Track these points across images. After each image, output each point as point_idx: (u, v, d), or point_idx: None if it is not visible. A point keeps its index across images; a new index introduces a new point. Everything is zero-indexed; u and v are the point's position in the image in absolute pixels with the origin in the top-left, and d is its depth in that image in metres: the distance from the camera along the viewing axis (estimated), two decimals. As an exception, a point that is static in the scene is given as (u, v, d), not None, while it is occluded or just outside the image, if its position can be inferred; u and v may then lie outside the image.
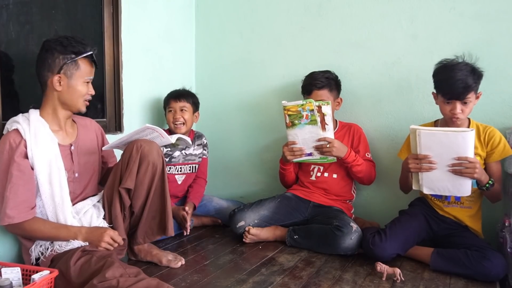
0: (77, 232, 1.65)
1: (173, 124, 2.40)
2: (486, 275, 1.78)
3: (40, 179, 1.63)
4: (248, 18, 2.75)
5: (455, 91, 1.86)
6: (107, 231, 1.67)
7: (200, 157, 2.53)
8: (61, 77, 1.67)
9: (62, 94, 1.70)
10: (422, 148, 1.82)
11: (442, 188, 1.87)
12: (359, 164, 2.23)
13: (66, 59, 1.67)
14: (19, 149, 1.59)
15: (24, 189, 1.59)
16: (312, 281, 1.80)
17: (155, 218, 1.86)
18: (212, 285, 1.75)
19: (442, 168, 1.81)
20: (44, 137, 1.66)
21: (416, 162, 1.85)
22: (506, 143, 1.94)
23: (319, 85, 2.27)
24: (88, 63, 1.74)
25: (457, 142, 1.75)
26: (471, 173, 1.77)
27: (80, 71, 1.71)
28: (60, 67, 1.66)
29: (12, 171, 1.57)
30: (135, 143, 1.76)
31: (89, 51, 1.71)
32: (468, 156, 1.76)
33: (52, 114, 1.73)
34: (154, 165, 1.77)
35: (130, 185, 1.75)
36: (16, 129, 1.63)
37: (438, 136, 1.77)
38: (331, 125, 2.12)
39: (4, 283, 1.41)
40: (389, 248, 1.93)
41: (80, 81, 1.71)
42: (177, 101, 2.42)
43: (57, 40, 1.68)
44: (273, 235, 2.25)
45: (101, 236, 1.65)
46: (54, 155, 1.67)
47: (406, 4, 2.30)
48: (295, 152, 2.21)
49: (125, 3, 2.32)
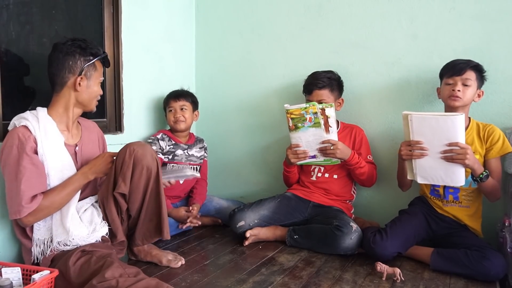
0: (82, 173, 1.72)
1: (174, 122, 2.42)
2: (486, 275, 1.78)
3: (51, 175, 1.65)
4: (248, 18, 2.75)
5: (456, 66, 1.95)
6: (106, 155, 1.76)
7: (201, 159, 2.55)
8: (82, 78, 1.73)
9: (80, 95, 1.75)
10: (414, 134, 1.85)
11: (435, 177, 1.88)
12: (362, 167, 2.22)
13: (86, 61, 1.73)
14: (29, 144, 1.60)
15: (37, 182, 1.60)
16: (312, 281, 1.80)
17: (152, 220, 1.86)
18: (212, 285, 1.75)
19: (434, 155, 1.83)
20: (53, 135, 1.68)
21: (409, 149, 1.88)
22: (506, 140, 1.95)
23: (320, 85, 2.26)
24: (101, 65, 1.82)
25: (447, 127, 1.77)
26: (462, 159, 1.78)
27: (97, 72, 1.79)
28: (82, 68, 1.72)
29: (26, 164, 1.57)
30: (127, 147, 1.75)
31: (104, 53, 1.79)
32: (458, 142, 1.77)
33: (62, 114, 1.75)
34: (149, 169, 1.77)
35: (124, 190, 1.74)
36: (25, 125, 1.63)
37: (429, 120, 1.80)
38: (335, 127, 2.13)
39: (4, 283, 1.41)
40: (390, 247, 1.94)
41: (96, 82, 1.79)
42: (176, 100, 2.44)
43: (74, 43, 1.72)
44: (273, 235, 2.26)
45: (104, 162, 1.74)
46: (64, 153, 1.71)
47: (406, 4, 2.30)
48: (299, 155, 2.20)
49: (125, 3, 2.32)
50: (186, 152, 2.47)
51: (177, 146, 2.44)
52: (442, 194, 2.05)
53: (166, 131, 2.50)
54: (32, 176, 1.58)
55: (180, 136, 2.49)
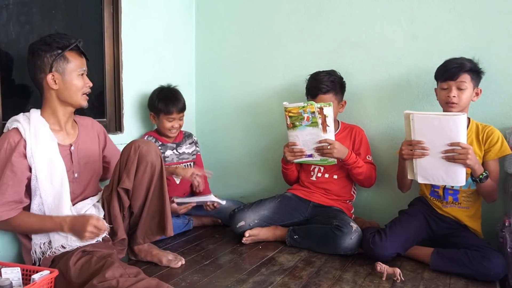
0: (61, 222, 1.62)
1: (169, 130, 2.38)
2: (486, 275, 1.78)
3: (40, 178, 1.63)
4: (248, 18, 2.75)
5: (449, 70, 1.94)
6: (90, 220, 1.60)
7: (194, 154, 2.55)
8: (54, 75, 1.67)
9: (60, 92, 1.70)
10: (415, 133, 1.84)
11: (436, 177, 1.88)
12: (360, 166, 2.22)
13: (53, 56, 1.66)
14: (17, 149, 1.60)
15: (12, 191, 1.59)
16: (312, 281, 1.80)
17: (155, 218, 1.87)
18: (212, 285, 1.75)
19: (435, 155, 1.83)
20: (44, 137, 1.66)
21: (410, 148, 1.88)
22: (505, 142, 1.94)
23: (325, 89, 2.24)
24: (77, 55, 1.73)
25: (449, 127, 1.77)
26: (464, 159, 1.78)
27: (70, 65, 1.69)
28: (50, 65, 1.66)
29: (6, 171, 1.58)
30: (132, 144, 1.77)
31: (73, 42, 1.69)
32: (460, 142, 1.77)
33: (52, 114, 1.73)
34: (153, 166, 1.77)
35: (128, 186, 1.75)
36: (16, 128, 1.63)
37: (431, 120, 1.79)
38: (332, 126, 2.12)
39: (4, 283, 1.41)
40: (389, 247, 1.94)
41: (74, 75, 1.70)
42: (179, 112, 2.40)
43: (40, 40, 1.68)
44: (273, 235, 2.26)
45: (84, 226, 1.60)
46: (55, 154, 1.68)
47: (406, 4, 2.30)
48: (296, 153, 2.21)
49: (125, 3, 2.32)
50: (176, 151, 2.45)
51: (165, 146, 2.43)
52: (442, 195, 2.05)
53: (151, 132, 2.47)
54: (8, 183, 1.58)
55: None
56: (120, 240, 1.81)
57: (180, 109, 2.40)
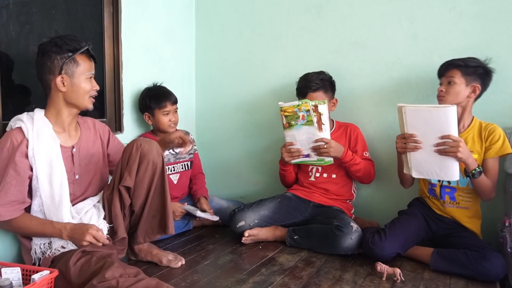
0: (61, 228, 1.63)
1: (169, 125, 2.38)
2: (486, 275, 1.78)
3: (40, 179, 1.64)
4: (248, 18, 2.75)
5: (441, 67, 2.03)
6: (90, 229, 1.63)
7: (191, 154, 2.54)
8: (64, 77, 1.67)
9: (67, 94, 1.70)
10: (408, 127, 1.86)
11: (430, 171, 1.89)
12: (357, 164, 2.23)
13: (64, 58, 1.66)
14: (20, 149, 1.60)
15: (15, 190, 1.60)
16: (312, 281, 1.80)
17: (156, 217, 1.86)
18: (212, 285, 1.75)
19: (428, 148, 1.84)
20: (46, 137, 1.66)
21: (403, 142, 1.89)
22: (506, 141, 1.93)
23: (314, 87, 2.26)
24: (86, 59, 1.73)
25: (439, 119, 1.78)
26: (455, 152, 1.78)
27: (80, 68, 1.70)
28: (60, 67, 1.66)
29: (9, 170, 1.58)
30: (134, 142, 1.77)
31: (84, 46, 1.70)
32: (451, 134, 1.78)
33: (56, 115, 1.73)
34: (154, 164, 1.78)
35: (129, 183, 1.75)
36: (20, 127, 1.63)
37: (422, 112, 1.81)
38: (328, 124, 2.12)
39: (4, 283, 1.41)
40: (389, 247, 1.94)
41: (82, 78, 1.71)
42: (173, 104, 2.40)
43: (51, 41, 1.68)
44: (273, 235, 2.26)
45: (83, 234, 1.62)
46: (55, 156, 1.68)
47: (406, 4, 2.30)
48: (293, 153, 2.21)
49: (125, 3, 2.32)
50: (172, 151, 2.43)
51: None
52: (438, 194, 2.04)
53: (146, 134, 2.47)
54: (12, 183, 1.58)
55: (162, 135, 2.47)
56: (120, 239, 1.81)
57: (173, 101, 2.40)
